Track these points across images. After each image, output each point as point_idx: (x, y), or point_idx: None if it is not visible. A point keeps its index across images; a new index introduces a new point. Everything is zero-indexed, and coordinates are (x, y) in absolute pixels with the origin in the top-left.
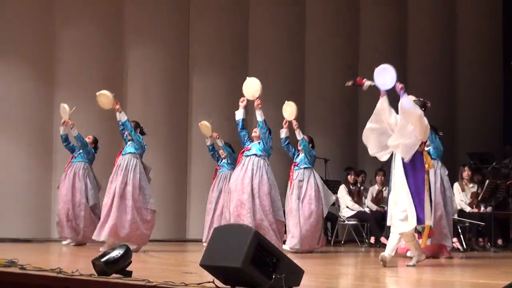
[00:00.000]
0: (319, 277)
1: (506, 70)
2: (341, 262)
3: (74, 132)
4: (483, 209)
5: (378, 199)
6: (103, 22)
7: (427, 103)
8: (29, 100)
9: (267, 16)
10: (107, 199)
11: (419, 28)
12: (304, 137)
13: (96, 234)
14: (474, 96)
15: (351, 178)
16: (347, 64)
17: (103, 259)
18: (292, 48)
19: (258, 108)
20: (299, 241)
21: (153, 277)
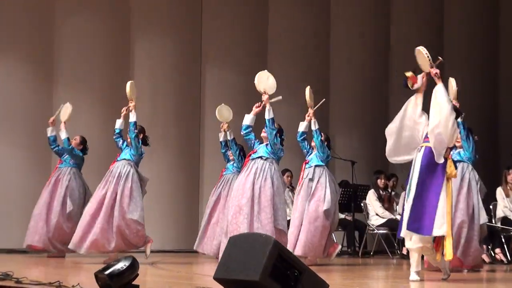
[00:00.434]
0: None
1: None
2: (370, 275)
3: (63, 134)
4: None
5: None
6: (106, 11)
7: (462, 113)
8: (25, 99)
9: (287, 7)
10: (91, 206)
11: (456, 29)
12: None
13: (75, 245)
14: None
15: (381, 182)
16: (376, 58)
17: (107, 272)
18: (315, 42)
19: (267, 104)
20: (294, 247)
21: None
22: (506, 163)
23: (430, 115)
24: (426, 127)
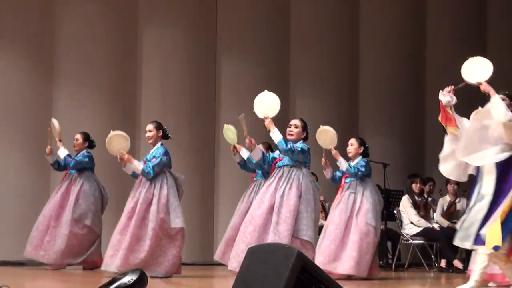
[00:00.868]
0: None
1: None
2: None
3: (62, 152)
4: None
5: (450, 213)
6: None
7: None
8: (22, 94)
9: None
10: (122, 221)
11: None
12: (351, 163)
13: (106, 263)
14: None
15: (416, 187)
16: (409, 52)
17: (113, 286)
18: (344, 34)
19: (271, 127)
20: (329, 261)
21: None
22: None
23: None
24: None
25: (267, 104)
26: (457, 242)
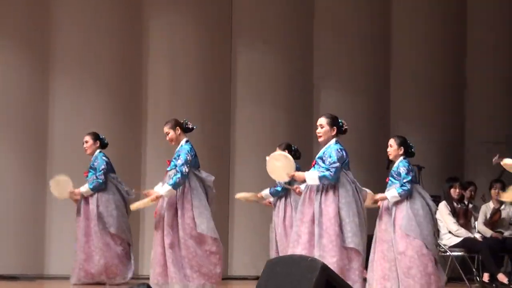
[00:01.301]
0: None
1: None
2: None
3: (85, 188)
4: None
5: (493, 222)
6: None
7: None
8: (16, 91)
9: None
10: (154, 232)
11: None
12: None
13: (155, 281)
14: None
15: (455, 192)
16: (449, 42)
17: None
18: (375, 21)
19: (303, 178)
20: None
21: None
22: None
23: None
24: None
25: (281, 167)
26: None
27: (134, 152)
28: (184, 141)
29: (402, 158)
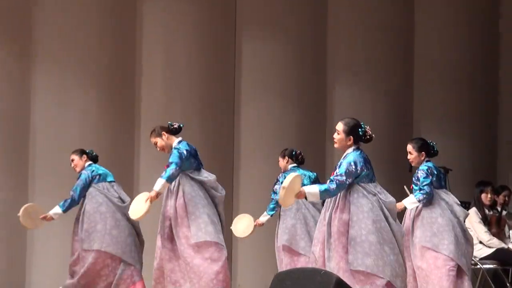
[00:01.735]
0: None
1: None
2: None
3: (56, 211)
4: None
5: None
6: None
7: None
8: None
9: None
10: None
11: None
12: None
13: None
14: None
15: (486, 198)
16: (480, 32)
17: None
18: (396, 7)
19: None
20: None
21: None
22: None
23: None
24: None
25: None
26: None
27: (126, 154)
28: (176, 142)
29: (425, 162)
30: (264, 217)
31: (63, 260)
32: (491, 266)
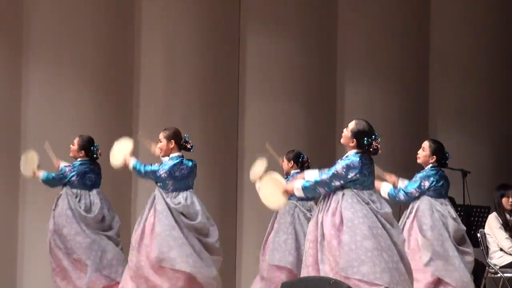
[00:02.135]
0: None
1: None
2: None
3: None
4: None
5: None
6: None
7: None
8: None
9: None
10: None
11: None
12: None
13: None
14: None
15: (507, 202)
16: (499, 25)
17: None
18: (410, 8)
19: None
20: None
21: None
22: None
23: None
24: None
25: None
26: None
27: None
28: (176, 155)
29: (430, 166)
30: None
31: None
32: None
